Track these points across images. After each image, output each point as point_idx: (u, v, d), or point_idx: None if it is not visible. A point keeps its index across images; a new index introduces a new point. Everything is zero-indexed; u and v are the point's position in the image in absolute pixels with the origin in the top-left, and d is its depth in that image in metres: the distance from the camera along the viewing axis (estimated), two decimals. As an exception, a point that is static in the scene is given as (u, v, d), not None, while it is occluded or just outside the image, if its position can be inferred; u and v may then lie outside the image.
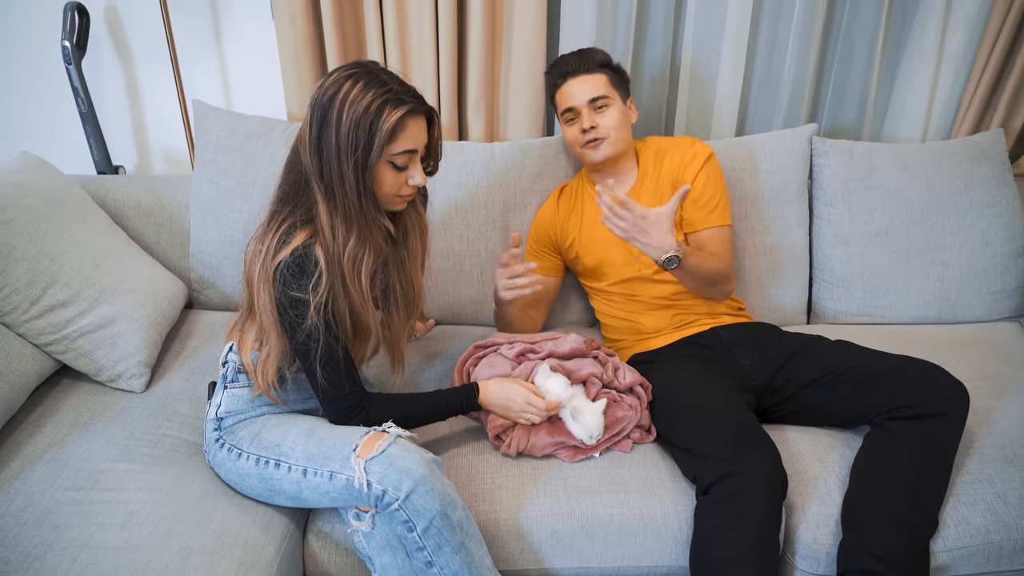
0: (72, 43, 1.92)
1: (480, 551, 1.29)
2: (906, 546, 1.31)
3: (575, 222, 1.78)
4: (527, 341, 1.59)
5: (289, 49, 1.95)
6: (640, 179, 1.74)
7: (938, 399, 1.40)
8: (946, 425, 1.39)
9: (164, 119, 2.17)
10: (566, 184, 1.86)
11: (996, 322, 1.95)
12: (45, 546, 1.20)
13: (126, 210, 1.91)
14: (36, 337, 1.53)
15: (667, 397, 1.53)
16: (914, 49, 2.05)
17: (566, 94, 1.68)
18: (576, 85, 1.66)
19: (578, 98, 1.66)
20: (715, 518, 1.31)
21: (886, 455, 1.38)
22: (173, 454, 1.43)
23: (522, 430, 1.47)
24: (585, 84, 1.66)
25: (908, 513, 1.33)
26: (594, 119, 1.66)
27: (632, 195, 1.73)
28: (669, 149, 1.75)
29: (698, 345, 1.67)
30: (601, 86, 1.66)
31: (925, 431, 1.38)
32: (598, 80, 1.66)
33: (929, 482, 1.36)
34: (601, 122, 1.66)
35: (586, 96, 1.65)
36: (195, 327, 1.84)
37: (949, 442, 1.39)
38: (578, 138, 1.69)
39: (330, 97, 1.21)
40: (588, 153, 1.69)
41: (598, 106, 1.66)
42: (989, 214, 1.92)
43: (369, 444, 1.25)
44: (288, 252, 1.24)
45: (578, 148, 1.71)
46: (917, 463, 1.36)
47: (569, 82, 1.67)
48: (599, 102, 1.66)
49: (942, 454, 1.38)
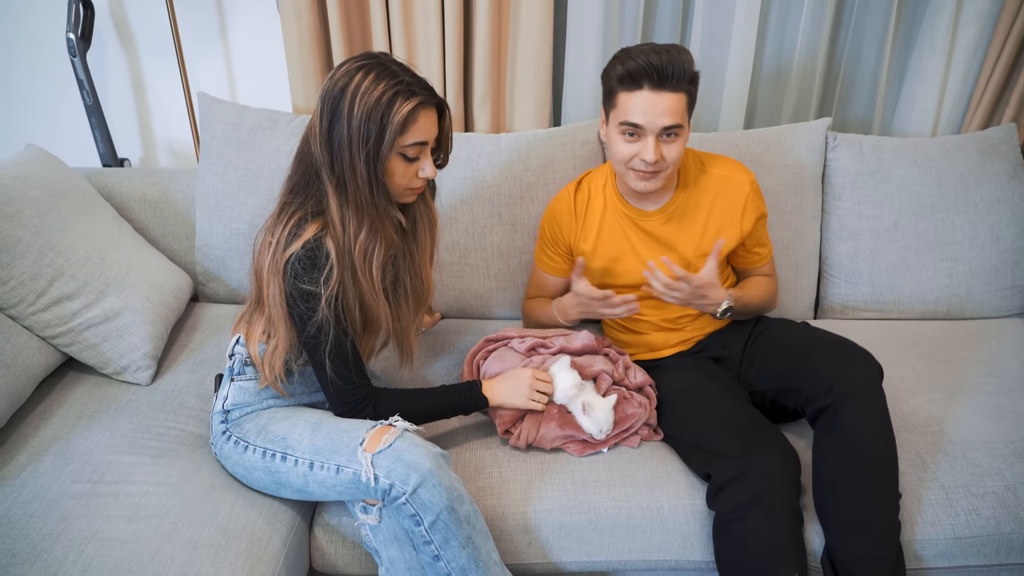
0: (77, 35, 1.91)
1: (487, 545, 1.28)
2: (879, 535, 1.31)
3: (592, 229, 1.62)
4: (538, 336, 1.59)
5: (294, 42, 1.94)
6: (678, 196, 1.57)
7: (847, 382, 1.35)
8: (864, 405, 1.34)
9: (169, 112, 2.16)
10: (583, 177, 1.67)
11: (1006, 318, 1.95)
12: (52, 538, 1.20)
13: (131, 203, 1.91)
14: (42, 330, 1.53)
15: (674, 399, 1.52)
16: (925, 43, 2.03)
17: (639, 107, 1.38)
18: (655, 102, 1.37)
19: (652, 120, 1.38)
20: (741, 522, 1.30)
21: (829, 459, 1.35)
22: (179, 447, 1.43)
23: (532, 422, 1.46)
24: (665, 103, 1.37)
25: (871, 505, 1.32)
26: (660, 151, 1.41)
27: (664, 213, 1.57)
28: (722, 178, 1.57)
29: (698, 352, 1.66)
30: (680, 111, 1.39)
31: (849, 422, 1.34)
32: (679, 102, 1.39)
33: (878, 466, 1.33)
34: (667, 155, 1.42)
35: (662, 121, 1.38)
36: (201, 320, 1.84)
37: (872, 419, 1.34)
38: (632, 160, 1.44)
39: (341, 89, 1.20)
40: (633, 178, 1.46)
41: (668, 134, 1.41)
42: (1000, 209, 1.91)
43: (376, 438, 1.25)
44: (299, 245, 1.23)
45: (624, 167, 1.46)
46: (859, 456, 1.32)
47: (647, 92, 1.37)
48: (672, 131, 1.40)
49: (875, 432, 1.33)
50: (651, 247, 1.59)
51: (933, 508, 1.37)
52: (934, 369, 1.72)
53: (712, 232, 1.57)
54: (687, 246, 1.58)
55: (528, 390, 1.43)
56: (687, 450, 1.45)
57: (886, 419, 1.34)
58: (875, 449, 1.33)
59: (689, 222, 1.57)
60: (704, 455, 1.40)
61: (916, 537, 1.35)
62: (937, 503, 1.38)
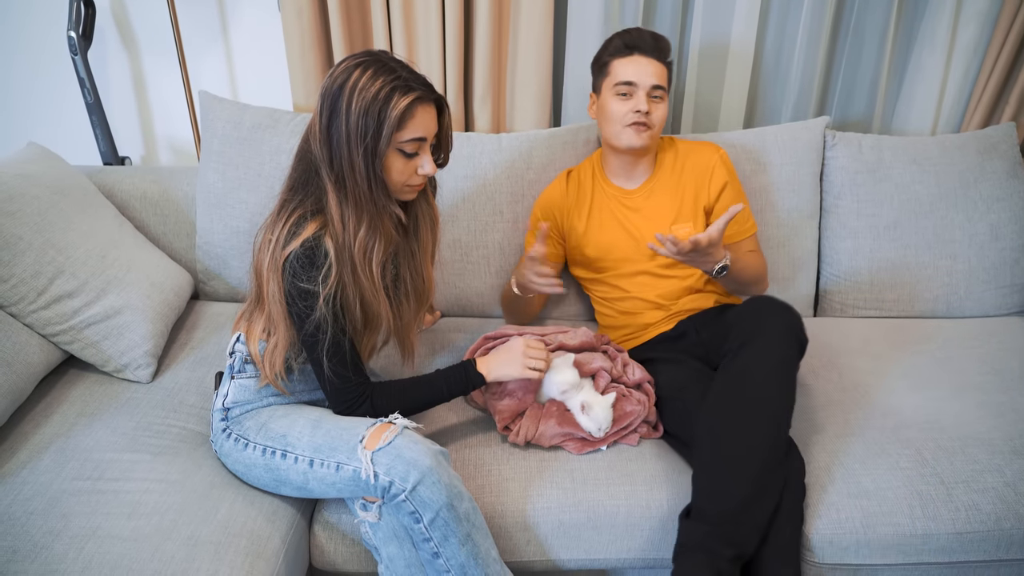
0: (78, 33, 1.91)
1: (486, 542, 1.28)
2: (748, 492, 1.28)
3: (583, 210, 1.75)
4: (537, 333, 1.59)
5: (295, 40, 1.94)
6: (656, 173, 1.73)
7: (746, 333, 1.37)
8: (745, 352, 1.35)
9: (170, 110, 2.16)
10: (572, 169, 1.83)
11: (1005, 316, 1.95)
12: (53, 535, 1.20)
13: (132, 201, 1.91)
14: (43, 327, 1.53)
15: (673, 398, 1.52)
16: (925, 41, 2.03)
17: (632, 68, 1.61)
18: (646, 64, 1.61)
19: (644, 78, 1.61)
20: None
21: (702, 407, 1.37)
22: (180, 444, 1.43)
23: (531, 419, 1.46)
24: (654, 67, 1.61)
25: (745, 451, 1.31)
26: (650, 105, 1.62)
27: (645, 188, 1.72)
28: (691, 153, 1.74)
29: (677, 337, 1.67)
30: (664, 77, 1.64)
31: (727, 366, 1.36)
32: (663, 71, 1.63)
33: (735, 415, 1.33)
34: (654, 111, 1.63)
35: (652, 79, 1.61)
36: (201, 318, 1.84)
37: (749, 366, 1.34)
38: (627, 115, 1.62)
39: (340, 85, 1.21)
40: (629, 134, 1.63)
41: (655, 95, 1.63)
42: (999, 208, 1.91)
43: (376, 435, 1.25)
44: (298, 243, 1.23)
45: (619, 125, 1.64)
46: (740, 393, 1.33)
47: (638, 57, 1.61)
48: (658, 92, 1.63)
49: (743, 382, 1.33)
50: (637, 223, 1.71)
51: (933, 503, 1.37)
52: (933, 367, 1.72)
53: (689, 199, 1.70)
54: (667, 217, 1.70)
55: (522, 358, 1.41)
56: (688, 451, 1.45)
57: (780, 365, 1.34)
58: (753, 382, 1.33)
59: (669, 195, 1.71)
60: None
61: (917, 532, 1.35)
62: (937, 498, 1.38)
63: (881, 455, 1.45)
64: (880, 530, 1.36)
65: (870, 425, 1.53)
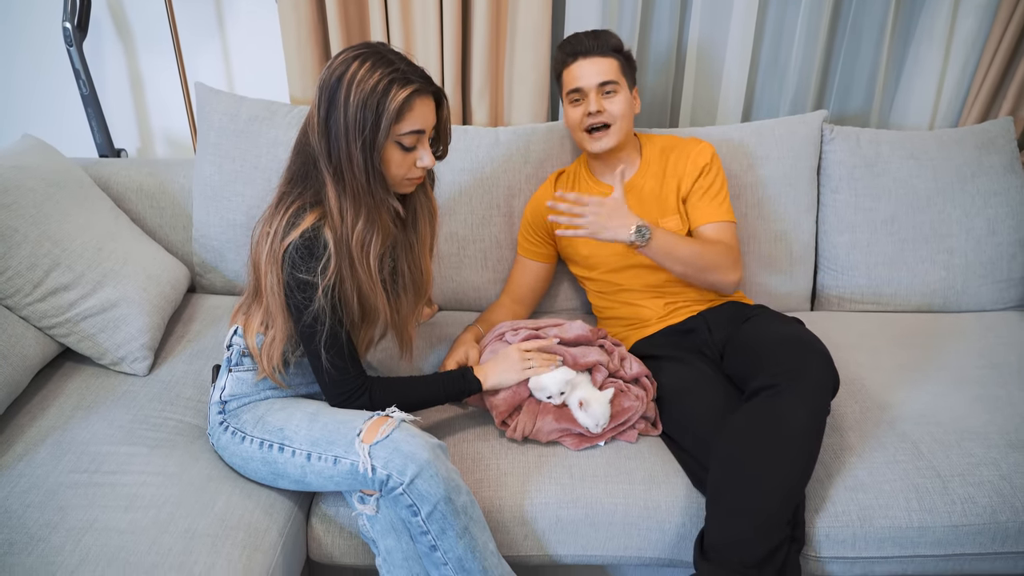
0: (73, 24, 1.90)
1: (484, 536, 1.28)
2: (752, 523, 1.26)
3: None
4: (531, 327, 1.59)
5: (292, 33, 1.93)
6: (642, 170, 1.73)
7: (786, 372, 1.33)
8: (800, 394, 1.31)
9: (166, 102, 2.15)
10: (563, 170, 1.83)
11: (1002, 311, 1.95)
12: (49, 528, 1.20)
13: (128, 193, 1.90)
14: (39, 320, 1.52)
15: (674, 401, 1.50)
16: (923, 35, 2.03)
17: (575, 74, 1.64)
18: (588, 66, 1.62)
19: (588, 79, 1.62)
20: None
21: (725, 435, 1.33)
22: (176, 437, 1.43)
23: (528, 414, 1.46)
24: (597, 66, 1.62)
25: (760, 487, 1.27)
26: (601, 103, 1.62)
27: (633, 185, 1.72)
28: (676, 147, 1.74)
29: (687, 332, 1.66)
30: (612, 71, 1.63)
31: (763, 405, 1.31)
32: (610, 64, 1.63)
33: (787, 448, 1.28)
34: (608, 108, 1.63)
35: (597, 79, 1.62)
36: (198, 311, 1.84)
37: (785, 413, 1.29)
38: (581, 121, 1.65)
39: (338, 78, 1.20)
40: (587, 142, 1.66)
41: (607, 91, 1.63)
42: (996, 202, 1.91)
43: (373, 429, 1.25)
44: (297, 234, 1.23)
45: (579, 132, 1.67)
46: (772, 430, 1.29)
47: (580, 62, 1.63)
48: (608, 87, 1.62)
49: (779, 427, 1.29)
50: None
51: (930, 496, 1.38)
52: (930, 361, 1.72)
53: (672, 188, 1.70)
54: (652, 213, 1.70)
55: (519, 363, 1.44)
56: (685, 458, 1.44)
57: (815, 417, 1.31)
58: (789, 433, 1.29)
59: (655, 191, 1.71)
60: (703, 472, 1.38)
61: (913, 524, 1.36)
62: (934, 491, 1.38)
63: (878, 449, 1.45)
64: (877, 523, 1.36)
65: (867, 419, 1.53)
